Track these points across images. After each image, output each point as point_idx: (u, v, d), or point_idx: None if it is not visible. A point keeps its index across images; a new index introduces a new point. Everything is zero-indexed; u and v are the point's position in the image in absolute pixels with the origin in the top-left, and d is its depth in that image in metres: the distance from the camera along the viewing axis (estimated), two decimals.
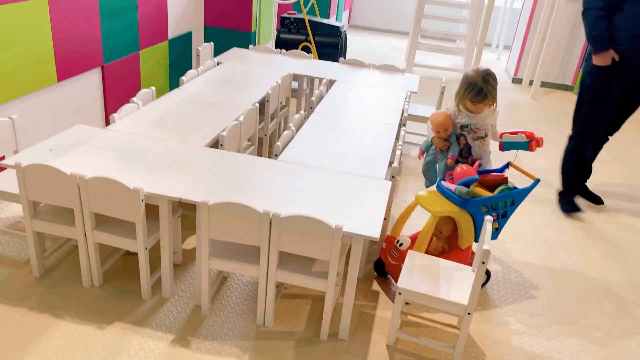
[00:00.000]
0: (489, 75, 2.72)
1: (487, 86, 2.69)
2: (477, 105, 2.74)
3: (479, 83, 2.68)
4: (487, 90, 2.69)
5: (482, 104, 2.74)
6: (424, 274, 2.39)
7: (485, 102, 2.73)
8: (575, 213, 3.88)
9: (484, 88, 2.68)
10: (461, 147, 2.89)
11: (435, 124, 2.86)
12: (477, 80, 2.69)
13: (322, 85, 4.02)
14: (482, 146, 2.89)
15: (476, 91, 2.69)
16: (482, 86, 2.68)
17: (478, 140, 2.87)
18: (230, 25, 5.39)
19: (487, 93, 2.69)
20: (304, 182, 2.52)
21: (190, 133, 2.93)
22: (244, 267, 2.35)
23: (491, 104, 2.78)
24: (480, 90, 2.69)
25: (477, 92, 2.69)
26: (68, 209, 2.49)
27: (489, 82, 2.70)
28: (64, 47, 3.37)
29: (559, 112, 6.40)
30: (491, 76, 2.73)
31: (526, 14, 7.35)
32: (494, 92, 2.72)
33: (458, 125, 2.86)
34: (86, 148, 2.61)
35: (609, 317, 2.86)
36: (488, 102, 2.74)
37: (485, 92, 2.69)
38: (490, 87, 2.71)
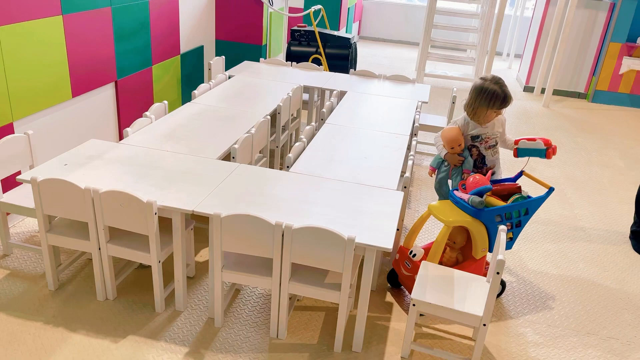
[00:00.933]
0: (502, 80, 2.77)
1: (508, 91, 2.75)
2: (498, 112, 2.79)
3: (500, 91, 2.72)
4: (509, 95, 2.75)
5: (503, 109, 2.79)
6: (438, 285, 2.36)
7: (505, 107, 2.80)
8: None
9: (507, 94, 2.74)
10: (475, 158, 2.88)
11: (448, 140, 2.85)
12: (496, 89, 2.73)
13: (332, 96, 4.03)
14: (495, 154, 2.89)
15: (501, 99, 2.73)
16: (505, 93, 2.74)
17: (490, 149, 2.88)
18: (241, 38, 5.45)
19: (509, 97, 2.75)
20: (316, 194, 2.52)
21: (202, 146, 2.95)
22: (257, 279, 2.35)
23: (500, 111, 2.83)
24: (504, 98, 2.73)
25: (502, 100, 2.73)
26: (82, 223, 2.51)
27: (505, 86, 2.77)
28: (79, 63, 3.42)
29: (572, 120, 6.35)
30: (503, 81, 2.78)
31: (537, 22, 7.33)
32: (511, 98, 2.78)
33: (469, 137, 2.85)
34: (100, 162, 2.64)
35: (627, 327, 2.80)
36: (506, 107, 2.79)
37: (509, 96, 2.74)
38: (508, 90, 2.77)
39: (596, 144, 5.55)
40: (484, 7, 7.25)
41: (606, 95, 7.04)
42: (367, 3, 10.12)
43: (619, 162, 5.12)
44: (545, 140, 2.78)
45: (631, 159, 5.20)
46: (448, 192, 2.96)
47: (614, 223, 3.92)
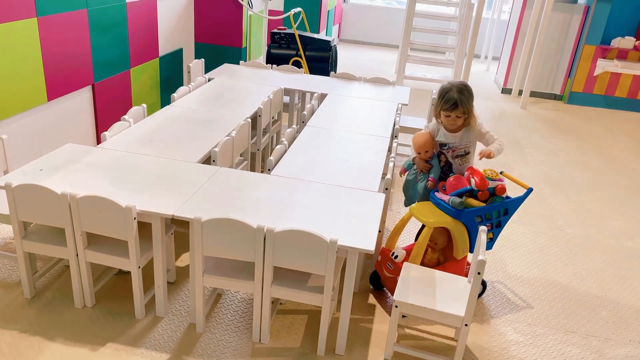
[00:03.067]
0: (463, 87, 2.67)
1: (459, 95, 2.63)
2: (450, 115, 2.68)
3: (451, 92, 2.65)
4: (457, 98, 2.62)
5: (454, 114, 2.67)
6: (420, 286, 2.38)
7: (457, 113, 2.66)
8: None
9: (455, 96, 2.63)
10: (442, 165, 2.86)
11: (416, 145, 2.82)
12: (451, 89, 2.66)
13: (313, 99, 4.03)
14: (463, 164, 2.81)
15: (447, 98, 2.65)
16: (454, 95, 2.63)
17: (458, 158, 2.82)
18: (221, 41, 5.41)
19: (457, 101, 2.62)
20: (298, 197, 2.51)
21: (182, 149, 2.92)
22: (239, 284, 2.33)
23: (463, 116, 2.69)
24: (450, 98, 2.63)
25: (447, 99, 2.64)
26: (59, 229, 2.46)
27: (462, 93, 2.64)
28: (54, 66, 3.36)
29: (549, 121, 6.46)
30: (466, 88, 2.67)
31: (514, 25, 7.45)
32: (466, 103, 2.65)
33: (437, 143, 2.83)
34: (77, 167, 2.59)
35: (605, 325, 2.85)
36: (459, 113, 2.66)
37: (456, 100, 2.62)
38: (463, 97, 2.64)
39: (572, 145, 5.66)
40: (462, 10, 7.34)
41: (581, 96, 7.18)
42: (347, 6, 10.15)
43: (594, 162, 5.23)
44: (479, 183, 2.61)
45: (606, 160, 5.31)
46: (413, 196, 2.95)
47: (590, 223, 3.99)
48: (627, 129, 6.39)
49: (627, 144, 5.84)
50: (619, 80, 6.97)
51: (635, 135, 6.14)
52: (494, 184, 2.62)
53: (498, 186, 2.65)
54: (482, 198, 2.64)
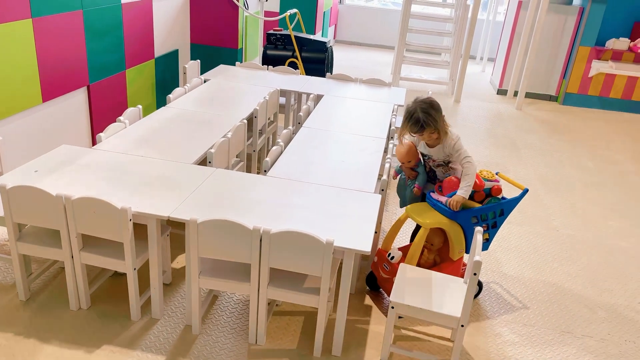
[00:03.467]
0: (428, 105, 2.58)
1: (425, 116, 2.55)
2: (419, 135, 2.62)
3: (416, 113, 2.56)
4: (423, 119, 2.54)
5: (424, 134, 2.60)
6: (416, 287, 2.38)
7: (427, 132, 2.58)
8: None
9: (421, 117, 2.54)
10: (427, 170, 2.85)
11: (399, 156, 2.79)
12: (415, 110, 2.57)
13: (309, 100, 4.03)
14: (446, 172, 2.77)
15: (414, 121, 2.57)
16: (419, 116, 2.55)
17: (440, 167, 2.78)
18: (217, 42, 5.41)
19: (423, 123, 2.55)
20: (294, 198, 2.51)
21: (178, 151, 2.91)
22: (235, 285, 2.33)
23: (434, 134, 2.61)
24: (417, 120, 2.56)
25: (414, 122, 2.57)
26: (54, 231, 2.45)
27: (428, 112, 2.56)
28: (49, 67, 3.35)
29: (544, 122, 6.48)
30: (432, 106, 2.58)
31: (509, 27, 7.47)
32: (433, 122, 2.56)
33: (419, 152, 2.81)
34: (72, 168, 2.58)
35: (601, 325, 2.86)
36: (429, 132, 2.58)
37: (422, 122, 2.54)
38: (429, 117, 2.55)
39: (567, 146, 5.68)
40: (458, 12, 7.36)
41: (576, 97, 7.20)
42: (343, 7, 10.16)
43: (588, 163, 5.25)
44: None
45: (601, 161, 5.33)
46: (405, 199, 2.96)
47: (585, 223, 4.00)
48: (621, 129, 6.42)
49: (622, 144, 5.87)
50: (613, 82, 7.00)
51: (630, 136, 6.17)
52: (490, 184, 2.63)
53: (494, 187, 2.65)
54: (478, 199, 2.65)
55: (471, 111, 6.66)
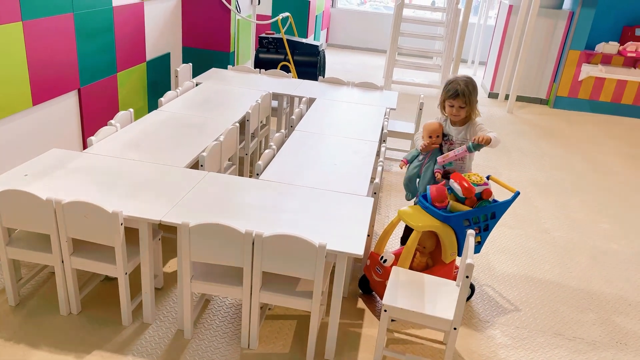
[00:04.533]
0: (468, 80, 2.83)
1: (463, 86, 2.79)
2: (453, 105, 2.83)
3: (454, 83, 2.81)
4: (460, 89, 2.79)
5: (456, 104, 2.82)
6: (408, 290, 2.38)
7: (459, 103, 2.81)
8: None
9: (458, 87, 2.79)
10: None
11: (429, 130, 2.93)
12: (455, 80, 2.83)
13: (302, 103, 4.03)
14: (457, 161, 2.92)
15: (450, 88, 2.82)
16: (457, 86, 2.79)
17: (445, 146, 2.96)
18: (209, 45, 5.40)
19: (459, 92, 2.79)
20: (286, 201, 2.51)
21: (169, 154, 2.90)
22: (227, 289, 2.31)
23: (465, 107, 2.83)
24: (453, 89, 2.80)
25: (450, 89, 2.82)
26: (44, 235, 2.43)
27: (466, 85, 2.80)
28: (40, 71, 3.32)
29: (535, 125, 6.52)
30: (470, 81, 2.83)
31: (499, 31, 7.52)
32: (468, 94, 2.80)
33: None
34: (63, 172, 2.56)
35: (592, 327, 2.88)
36: (461, 103, 2.81)
37: (458, 90, 2.78)
38: (466, 89, 2.79)
39: (558, 149, 5.72)
40: (449, 16, 7.40)
41: (567, 101, 7.26)
42: (335, 11, 10.19)
43: (580, 166, 5.29)
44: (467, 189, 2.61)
45: (592, 163, 5.37)
46: (415, 189, 3.01)
47: (577, 226, 4.03)
48: (611, 132, 6.48)
49: (612, 147, 5.92)
50: (603, 85, 7.07)
51: (620, 139, 6.23)
52: (480, 189, 2.64)
53: (484, 190, 2.66)
54: (470, 204, 2.66)
55: None
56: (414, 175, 3.00)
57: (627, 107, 7.14)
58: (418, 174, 2.99)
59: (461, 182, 2.64)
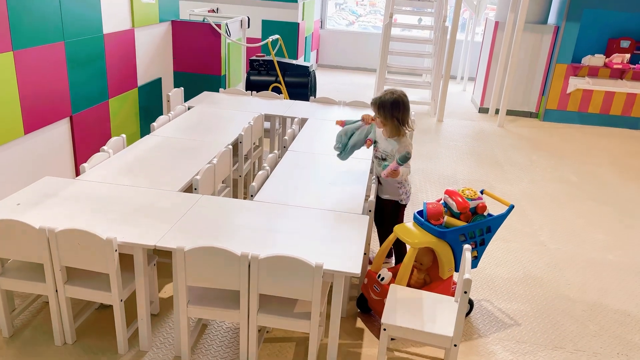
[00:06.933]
0: (392, 96, 2.84)
1: (381, 100, 2.83)
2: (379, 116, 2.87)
3: (383, 94, 2.87)
4: (377, 101, 2.83)
5: (379, 114, 2.86)
6: (407, 307, 2.36)
7: (378, 115, 2.86)
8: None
9: (379, 100, 2.84)
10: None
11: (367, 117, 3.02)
12: (386, 92, 2.88)
13: (294, 124, 4.05)
14: (378, 166, 2.99)
15: (375, 98, 2.89)
16: (381, 98, 2.84)
17: (377, 159, 3.01)
18: (200, 69, 5.43)
19: (376, 102, 2.84)
20: (281, 222, 2.50)
21: (163, 179, 2.89)
22: (224, 313, 2.29)
23: (383, 121, 2.85)
24: (375, 99, 2.87)
25: (375, 98, 2.89)
26: (38, 264, 2.40)
27: (385, 98, 2.83)
28: (31, 99, 3.33)
29: (526, 138, 6.57)
30: (394, 98, 2.83)
31: (487, 47, 7.63)
32: (383, 108, 2.82)
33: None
34: (56, 200, 2.55)
35: (593, 339, 2.86)
36: (379, 116, 2.85)
37: (377, 101, 2.84)
38: (384, 102, 2.82)
39: (550, 161, 5.75)
40: (437, 34, 7.51)
41: (556, 113, 7.34)
42: (324, 32, 10.31)
43: (572, 177, 5.32)
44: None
45: (584, 174, 5.41)
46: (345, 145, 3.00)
47: (572, 237, 4.03)
48: (601, 143, 6.54)
49: (603, 158, 5.97)
50: (591, 97, 7.16)
51: (610, 150, 6.28)
52: (474, 203, 2.65)
53: (479, 205, 2.67)
54: (465, 219, 2.66)
55: (454, 130, 6.74)
56: (350, 130, 3.01)
57: (616, 118, 7.23)
58: (354, 130, 3.01)
59: (455, 197, 2.64)
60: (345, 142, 3.00)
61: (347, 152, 3.00)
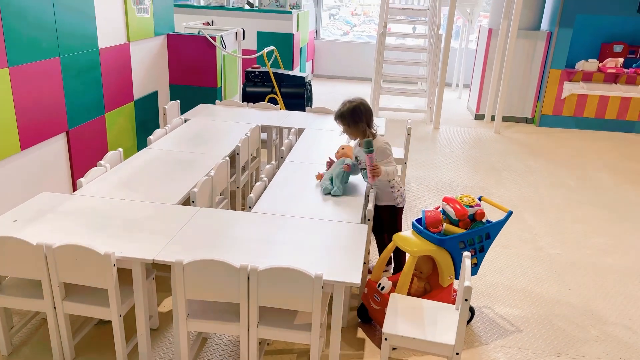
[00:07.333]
0: (351, 104, 2.92)
1: (342, 110, 2.92)
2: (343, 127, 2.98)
3: (342, 105, 2.95)
4: (338, 113, 2.94)
5: (343, 125, 2.96)
6: (408, 316, 2.35)
7: (340, 125, 2.97)
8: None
9: (339, 110, 2.94)
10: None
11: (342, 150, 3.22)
12: (344, 103, 2.95)
13: (291, 134, 4.05)
14: (366, 177, 3.01)
15: (336, 111, 2.98)
16: (340, 109, 2.94)
17: (362, 171, 3.07)
18: (196, 82, 5.45)
19: (336, 115, 2.95)
20: (280, 233, 2.49)
21: (160, 192, 2.88)
22: (224, 326, 2.27)
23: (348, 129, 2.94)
24: (336, 111, 2.96)
25: (336, 111, 2.98)
26: (36, 281, 2.38)
27: (349, 109, 2.90)
28: (27, 115, 3.32)
29: (522, 144, 6.59)
30: (355, 106, 2.90)
31: (481, 54, 7.67)
32: (344, 117, 2.91)
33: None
34: (53, 216, 2.54)
35: (595, 344, 2.85)
36: (341, 125, 2.96)
37: (337, 113, 2.95)
38: (344, 111, 2.91)
39: (547, 166, 5.77)
40: (431, 42, 7.55)
41: (552, 119, 7.37)
42: (319, 42, 10.37)
43: (569, 181, 5.33)
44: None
45: (580, 179, 5.42)
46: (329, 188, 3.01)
47: (571, 242, 4.03)
48: (597, 147, 6.56)
49: (599, 162, 5.98)
50: (586, 102, 7.20)
51: (606, 153, 6.30)
52: (472, 210, 2.65)
53: (477, 211, 2.67)
54: (463, 226, 2.66)
55: (451, 137, 6.76)
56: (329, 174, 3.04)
57: (611, 122, 7.26)
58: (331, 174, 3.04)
59: (454, 204, 2.64)
60: (331, 186, 2.99)
61: (340, 188, 2.98)
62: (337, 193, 2.95)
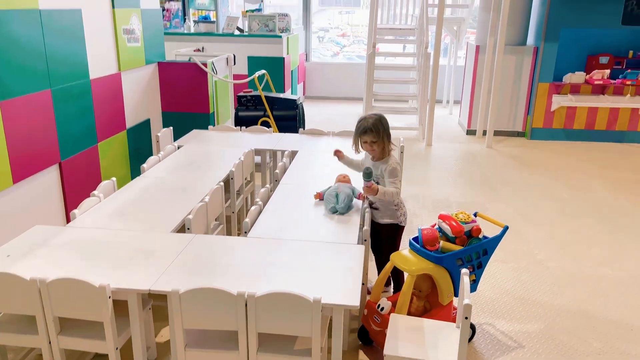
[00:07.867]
0: (377, 117, 2.95)
1: (370, 123, 2.91)
2: (366, 142, 2.95)
3: (364, 121, 2.94)
4: (367, 126, 2.91)
5: (368, 139, 2.93)
6: (409, 337, 2.32)
7: (370, 138, 2.92)
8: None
9: (367, 124, 2.91)
10: None
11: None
12: (365, 118, 2.96)
13: (284, 157, 4.06)
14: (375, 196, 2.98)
15: (360, 126, 2.95)
16: (366, 123, 2.92)
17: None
18: (188, 108, 5.46)
19: (366, 128, 2.91)
20: (277, 257, 2.47)
21: (155, 220, 2.87)
22: (223, 355, 2.24)
23: (377, 142, 2.93)
24: (362, 126, 2.93)
25: (360, 126, 2.95)
26: (30, 316, 2.34)
27: (375, 121, 2.92)
28: (19, 149, 3.31)
29: (515, 157, 6.63)
30: (379, 119, 2.95)
31: (470, 70, 7.76)
32: (376, 129, 2.90)
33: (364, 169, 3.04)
34: (47, 249, 2.51)
35: (598, 357, 2.83)
36: (372, 138, 2.92)
37: (366, 127, 2.91)
38: (374, 125, 2.90)
39: (540, 179, 5.79)
40: (420, 60, 7.64)
41: (542, 131, 7.43)
42: (310, 64, 10.46)
43: (563, 193, 5.35)
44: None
45: (574, 190, 5.44)
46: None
47: (568, 254, 4.03)
48: (588, 158, 6.61)
49: (592, 172, 6.02)
50: (575, 113, 7.27)
51: (598, 164, 6.34)
52: (468, 226, 2.65)
53: (473, 228, 2.67)
54: (460, 243, 2.65)
55: (443, 153, 6.79)
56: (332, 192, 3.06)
57: (601, 133, 7.33)
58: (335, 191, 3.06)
59: (449, 222, 2.64)
60: (335, 202, 3.01)
61: (344, 207, 2.99)
62: (342, 211, 2.98)
